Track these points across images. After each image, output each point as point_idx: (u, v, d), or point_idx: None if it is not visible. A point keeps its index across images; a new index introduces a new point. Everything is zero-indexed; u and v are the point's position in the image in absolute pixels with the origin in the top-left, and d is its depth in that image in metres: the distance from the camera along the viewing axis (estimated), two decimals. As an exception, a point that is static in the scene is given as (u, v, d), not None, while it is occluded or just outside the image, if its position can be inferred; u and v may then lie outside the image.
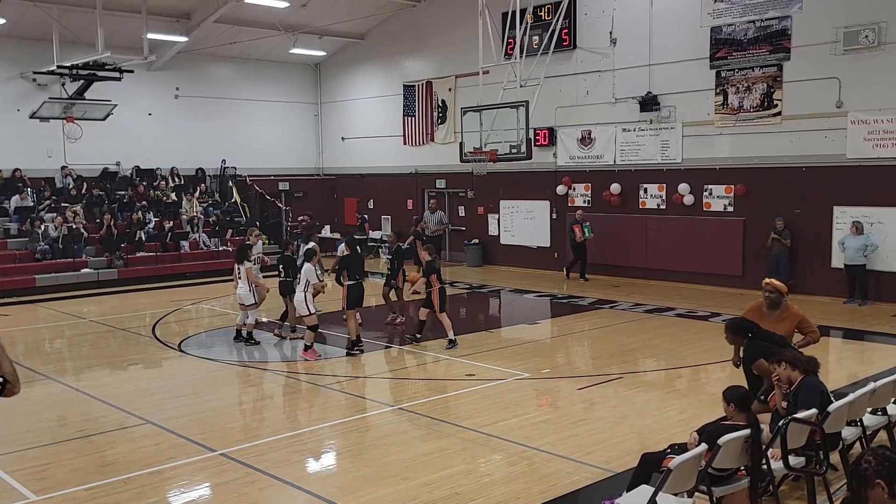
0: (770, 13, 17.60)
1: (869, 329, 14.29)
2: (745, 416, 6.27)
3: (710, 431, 6.14)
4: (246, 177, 26.95)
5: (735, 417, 6.34)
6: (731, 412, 6.42)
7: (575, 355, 13.32)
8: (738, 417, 6.31)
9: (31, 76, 22.31)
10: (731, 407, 6.42)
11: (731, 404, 6.42)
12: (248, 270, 13.36)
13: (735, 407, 6.38)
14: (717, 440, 5.82)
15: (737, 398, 6.43)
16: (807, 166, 17.44)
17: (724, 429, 6.12)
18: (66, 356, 13.59)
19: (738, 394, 6.49)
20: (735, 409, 6.38)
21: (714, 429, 6.22)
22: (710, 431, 6.14)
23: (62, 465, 7.96)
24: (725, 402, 6.48)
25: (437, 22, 24.61)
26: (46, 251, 20.61)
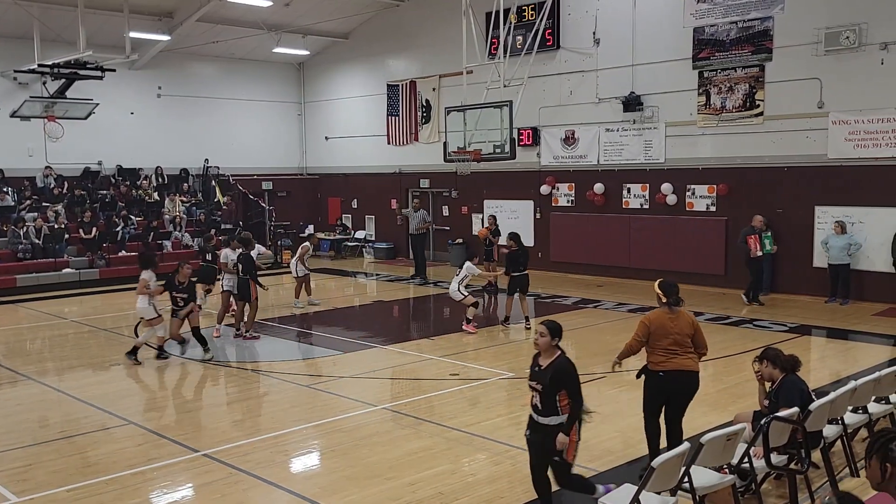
0: (752, 14, 17.71)
1: (850, 328, 14.40)
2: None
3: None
4: (229, 176, 26.85)
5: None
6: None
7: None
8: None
9: (12, 75, 22.12)
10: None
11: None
12: (142, 282, 12.34)
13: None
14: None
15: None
16: (789, 166, 17.57)
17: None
18: (47, 356, 13.48)
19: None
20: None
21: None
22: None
23: (44, 467, 7.90)
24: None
25: (420, 21, 24.60)
26: (28, 251, 20.45)
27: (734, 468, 6.29)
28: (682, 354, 7.19)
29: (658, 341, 7.21)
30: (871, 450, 3.55)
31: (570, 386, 6.04)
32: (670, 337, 7.17)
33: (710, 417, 9.04)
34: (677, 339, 7.18)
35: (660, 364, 7.22)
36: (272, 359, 12.97)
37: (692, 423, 8.90)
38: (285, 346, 14.14)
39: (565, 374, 6.05)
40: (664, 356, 7.19)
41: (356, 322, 15.41)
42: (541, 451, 6.19)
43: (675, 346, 7.18)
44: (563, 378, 6.04)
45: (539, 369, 6.16)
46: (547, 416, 6.06)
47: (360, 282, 22.20)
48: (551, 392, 6.01)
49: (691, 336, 7.25)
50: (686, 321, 7.29)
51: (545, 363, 6.15)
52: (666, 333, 7.18)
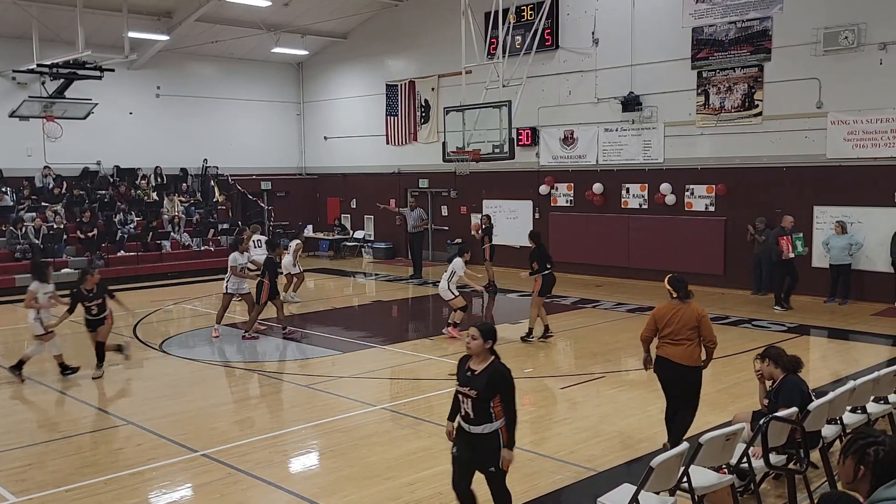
0: (751, 14, 17.71)
1: (849, 328, 14.41)
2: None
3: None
4: (228, 176, 26.84)
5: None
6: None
7: (557, 355, 13.34)
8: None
9: (11, 75, 22.10)
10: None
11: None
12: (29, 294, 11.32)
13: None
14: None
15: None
16: (787, 166, 17.57)
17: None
18: (45, 357, 13.44)
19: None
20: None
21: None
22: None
23: (42, 467, 7.90)
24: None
25: (419, 21, 24.60)
26: (26, 251, 20.43)
27: (733, 468, 6.29)
28: (677, 344, 7.66)
29: (661, 330, 7.81)
30: (848, 450, 3.66)
31: (507, 391, 5.69)
32: (670, 327, 7.69)
33: (708, 417, 9.04)
34: (676, 330, 7.65)
35: (657, 350, 7.87)
36: (271, 359, 12.96)
37: (691, 422, 8.93)
38: (284, 346, 14.13)
39: (502, 378, 5.70)
40: (660, 343, 7.83)
41: (355, 322, 15.40)
42: (471, 465, 5.86)
43: (672, 336, 7.69)
44: (500, 382, 5.68)
45: (472, 374, 5.77)
46: (480, 424, 5.70)
47: (359, 282, 22.19)
48: (486, 398, 5.65)
49: (695, 328, 7.62)
50: (690, 313, 7.68)
51: (479, 368, 5.77)
52: (667, 323, 7.73)
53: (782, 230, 16.21)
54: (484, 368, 5.74)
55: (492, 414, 5.67)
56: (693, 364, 7.69)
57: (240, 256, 14.36)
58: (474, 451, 5.78)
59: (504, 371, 5.72)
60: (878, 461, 3.54)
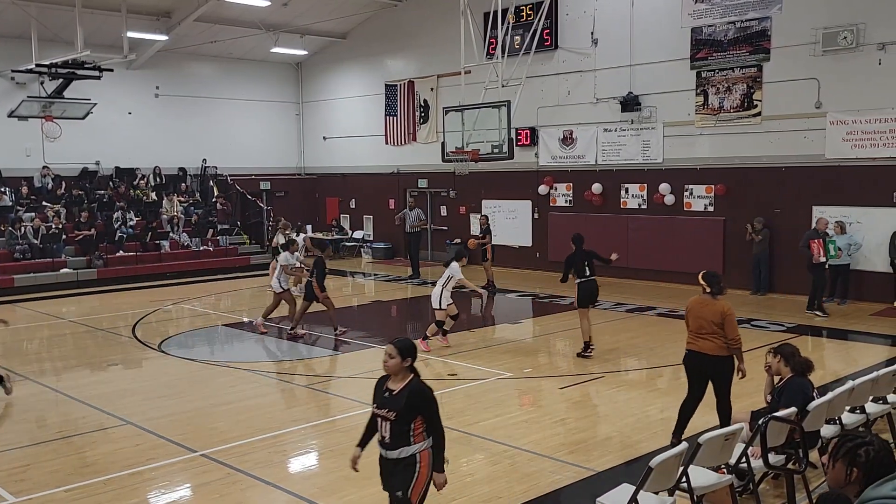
0: (750, 14, 17.72)
1: (848, 328, 14.41)
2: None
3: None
4: (227, 176, 26.83)
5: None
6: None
7: (557, 355, 13.35)
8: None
9: (10, 74, 22.09)
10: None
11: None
12: None
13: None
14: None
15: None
16: (786, 166, 17.58)
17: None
18: (45, 356, 13.47)
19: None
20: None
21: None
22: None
23: (41, 467, 7.89)
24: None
25: (419, 21, 24.60)
26: (25, 251, 20.43)
27: (732, 468, 6.29)
28: (703, 338, 7.92)
29: (689, 323, 8.10)
30: (837, 454, 3.64)
31: (428, 410, 5.30)
32: (697, 321, 7.98)
33: (707, 417, 9.04)
34: (702, 324, 7.93)
35: (687, 344, 8.14)
36: (270, 359, 12.96)
37: (690, 422, 8.93)
38: (283, 345, 14.13)
39: (422, 397, 5.30)
40: (688, 337, 8.11)
41: (354, 322, 15.37)
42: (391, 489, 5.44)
43: (697, 330, 7.99)
44: (421, 402, 5.28)
45: (390, 395, 5.37)
46: (396, 447, 5.30)
47: (359, 282, 22.19)
48: (406, 419, 5.26)
49: (718, 324, 7.83)
50: (715, 310, 7.88)
51: (397, 387, 5.37)
52: (695, 317, 8.02)
53: (815, 232, 15.64)
54: (402, 388, 5.36)
55: (410, 437, 5.30)
56: (719, 353, 7.88)
57: (290, 256, 14.56)
58: (390, 477, 5.42)
59: (424, 389, 5.36)
60: (869, 461, 3.53)
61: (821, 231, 15.66)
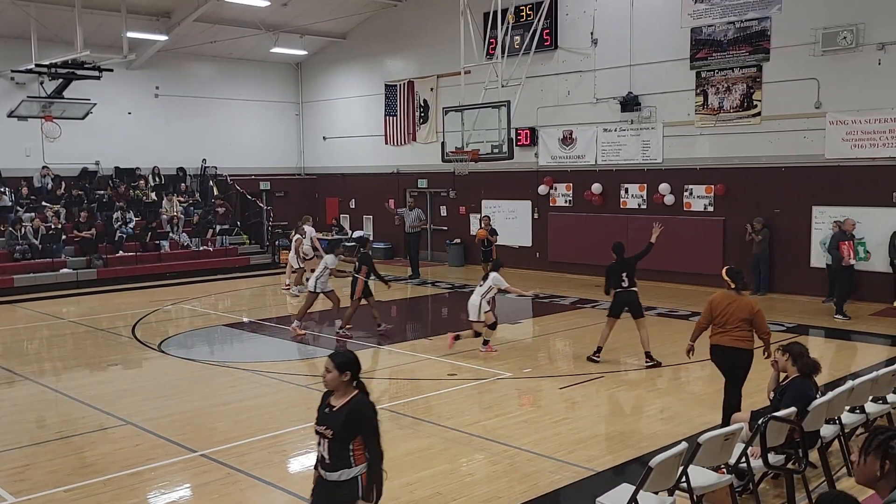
0: (750, 14, 17.72)
1: (848, 328, 14.41)
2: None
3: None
4: (227, 176, 26.83)
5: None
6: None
7: (556, 354, 13.36)
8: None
9: (9, 75, 22.08)
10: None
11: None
12: None
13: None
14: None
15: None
16: (786, 166, 17.58)
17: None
18: (44, 357, 13.47)
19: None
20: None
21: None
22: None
23: (41, 467, 7.89)
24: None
25: (418, 21, 24.60)
26: (25, 251, 20.42)
27: (732, 468, 6.29)
28: (728, 332, 8.17)
29: (714, 318, 8.30)
30: (869, 447, 3.55)
31: (367, 430, 4.90)
32: (723, 317, 8.20)
33: (707, 417, 9.05)
34: (728, 319, 8.16)
35: (711, 338, 8.36)
36: (270, 359, 12.96)
37: (690, 422, 8.95)
38: (283, 345, 14.14)
39: (362, 416, 4.92)
40: (713, 331, 8.32)
41: (354, 322, 15.33)
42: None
43: (723, 324, 8.19)
44: (360, 421, 4.90)
45: (330, 411, 5.03)
46: (336, 469, 4.90)
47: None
48: (344, 439, 4.89)
49: (746, 320, 8.14)
50: (743, 306, 8.21)
51: (338, 403, 5.03)
52: (720, 312, 8.24)
53: (843, 234, 15.22)
54: (343, 404, 5.01)
55: (350, 458, 4.90)
56: (742, 346, 8.14)
57: (335, 259, 14.68)
58: (329, 500, 4.95)
59: (365, 407, 4.97)
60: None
61: (848, 232, 15.29)
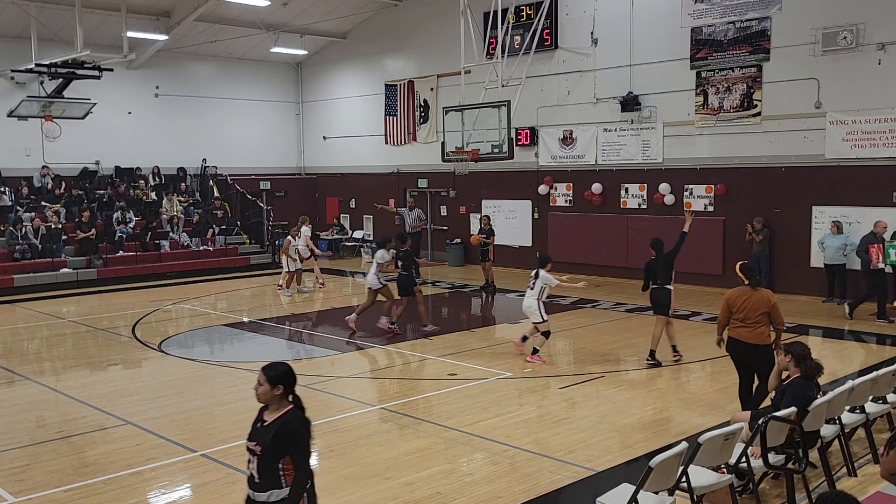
0: (750, 14, 17.72)
1: (847, 328, 14.41)
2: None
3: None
4: (227, 176, 26.83)
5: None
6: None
7: (556, 354, 13.35)
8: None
9: (9, 74, 22.07)
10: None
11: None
12: None
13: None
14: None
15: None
16: (786, 166, 17.58)
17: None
18: (44, 356, 13.47)
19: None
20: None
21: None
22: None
23: (41, 467, 7.89)
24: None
25: (418, 21, 24.61)
26: (25, 251, 20.42)
27: (732, 468, 6.29)
28: (747, 327, 8.36)
29: (733, 313, 8.49)
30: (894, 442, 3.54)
31: (296, 448, 4.65)
32: (742, 311, 8.39)
33: (707, 417, 9.06)
34: (747, 314, 8.35)
35: (730, 331, 8.55)
36: (270, 359, 12.94)
37: (690, 422, 8.96)
38: (283, 345, 14.15)
39: (291, 432, 4.64)
40: (732, 325, 8.52)
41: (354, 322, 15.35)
42: None
43: (743, 319, 8.38)
44: (289, 438, 4.63)
45: (262, 426, 4.77)
46: (265, 490, 4.70)
47: (359, 281, 22.18)
48: (273, 457, 4.65)
49: (765, 313, 8.34)
50: (761, 299, 8.39)
51: (270, 419, 4.75)
52: (739, 307, 8.43)
53: (873, 237, 14.85)
54: (274, 420, 4.73)
55: (281, 478, 4.69)
56: (762, 343, 8.35)
57: (386, 254, 14.75)
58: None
59: (296, 423, 4.70)
60: None
61: (879, 235, 14.86)
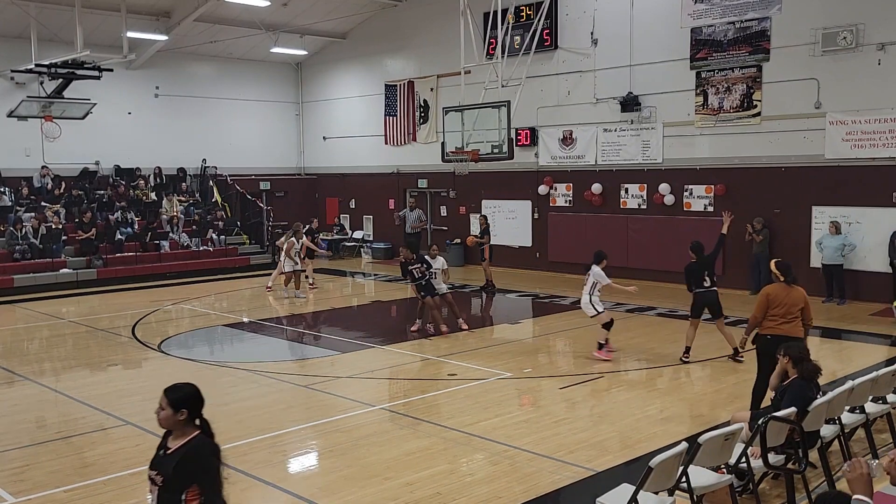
0: (750, 14, 17.72)
1: (847, 328, 14.42)
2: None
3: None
4: (227, 176, 26.83)
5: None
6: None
7: (556, 355, 13.36)
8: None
9: (9, 74, 22.07)
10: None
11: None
12: None
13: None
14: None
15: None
16: (786, 167, 17.58)
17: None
18: (44, 357, 13.47)
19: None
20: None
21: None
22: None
23: (41, 467, 7.89)
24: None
25: (418, 21, 24.60)
26: (25, 251, 20.42)
27: (732, 468, 6.29)
28: (790, 322, 8.54)
29: (772, 310, 8.56)
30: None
31: (203, 479, 4.20)
32: (783, 307, 8.52)
33: (707, 417, 9.07)
34: (788, 310, 8.52)
35: (769, 329, 8.57)
36: (270, 359, 12.96)
37: (690, 422, 8.96)
38: (283, 346, 14.14)
39: (198, 461, 4.21)
40: (775, 323, 8.55)
41: (354, 322, 15.40)
42: None
43: (784, 315, 8.52)
44: (194, 467, 4.19)
45: (165, 454, 4.31)
46: None
47: (358, 282, 22.20)
48: (175, 488, 4.18)
49: (801, 309, 8.56)
50: (798, 296, 8.59)
51: (174, 445, 4.29)
52: (780, 304, 8.54)
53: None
54: (179, 447, 4.28)
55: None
56: (801, 335, 8.55)
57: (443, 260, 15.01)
58: None
59: (202, 451, 4.27)
60: None
61: None
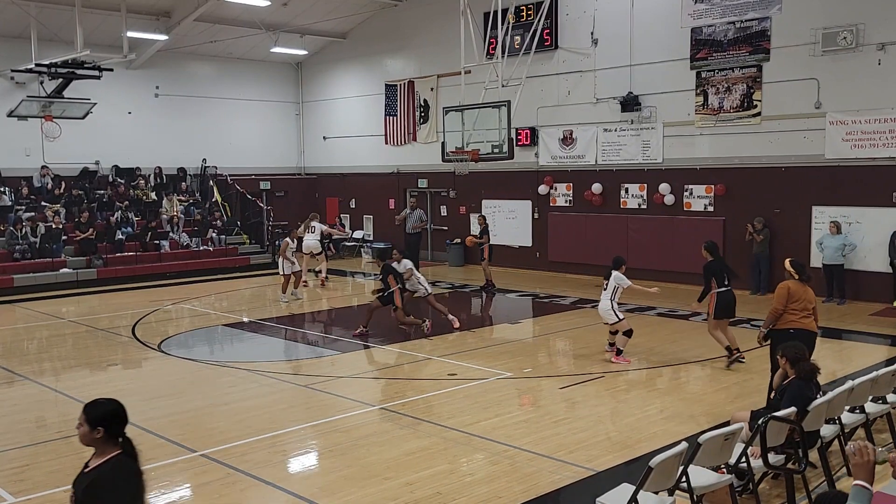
0: (750, 14, 17.72)
1: (847, 328, 14.42)
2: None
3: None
4: (227, 176, 26.83)
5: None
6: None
7: (556, 354, 13.35)
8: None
9: (9, 74, 22.06)
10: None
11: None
12: None
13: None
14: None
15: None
16: (786, 167, 17.58)
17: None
18: (44, 357, 13.46)
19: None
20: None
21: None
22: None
23: (41, 467, 7.89)
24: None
25: (419, 21, 24.60)
26: (25, 251, 20.42)
27: (732, 468, 6.29)
28: (808, 317, 9.04)
29: (793, 305, 9.01)
30: None
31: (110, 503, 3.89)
32: (801, 302, 9.02)
33: (707, 417, 9.06)
34: (805, 305, 9.04)
35: (790, 323, 8.99)
36: (270, 359, 12.96)
37: (690, 422, 8.96)
38: (283, 345, 14.14)
39: (107, 484, 3.89)
40: (796, 317, 8.99)
41: (354, 322, 15.36)
42: None
43: (803, 311, 9.01)
44: (101, 492, 3.87)
45: (84, 472, 4.04)
46: None
47: (358, 282, 22.20)
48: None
49: (813, 305, 9.11)
50: (812, 294, 9.18)
51: (93, 464, 4.03)
52: (799, 299, 9.04)
53: None
54: (95, 467, 4.01)
55: None
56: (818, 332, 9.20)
57: None
58: None
59: (115, 474, 3.96)
60: None
61: None
